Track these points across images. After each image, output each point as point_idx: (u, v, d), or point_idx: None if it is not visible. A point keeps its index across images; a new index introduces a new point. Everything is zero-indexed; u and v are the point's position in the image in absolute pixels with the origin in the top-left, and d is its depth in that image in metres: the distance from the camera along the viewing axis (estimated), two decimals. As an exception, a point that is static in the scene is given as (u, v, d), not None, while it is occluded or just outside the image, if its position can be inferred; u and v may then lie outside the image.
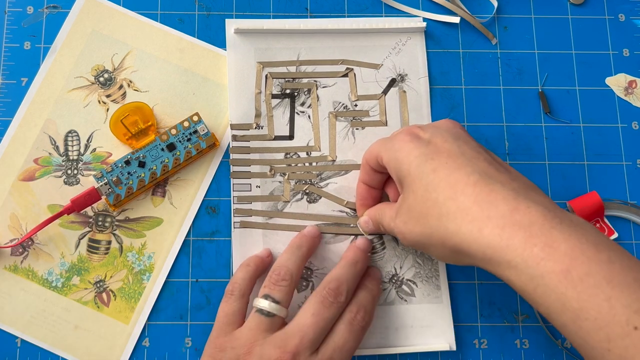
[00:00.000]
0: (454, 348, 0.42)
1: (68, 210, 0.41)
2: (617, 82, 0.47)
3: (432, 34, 0.47)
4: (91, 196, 0.41)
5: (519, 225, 0.30)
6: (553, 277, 0.29)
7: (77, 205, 0.41)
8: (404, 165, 0.35)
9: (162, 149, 0.43)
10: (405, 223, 0.36)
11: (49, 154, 0.44)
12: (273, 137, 0.45)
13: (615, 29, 0.48)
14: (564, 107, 0.47)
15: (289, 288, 0.38)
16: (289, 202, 0.44)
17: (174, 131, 0.43)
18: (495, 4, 0.48)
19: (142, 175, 0.42)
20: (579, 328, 0.29)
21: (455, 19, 0.47)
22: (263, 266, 0.41)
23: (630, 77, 0.47)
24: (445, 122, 0.37)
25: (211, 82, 0.46)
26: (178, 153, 0.43)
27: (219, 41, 0.46)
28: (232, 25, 0.46)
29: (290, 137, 0.45)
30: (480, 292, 0.43)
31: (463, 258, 0.33)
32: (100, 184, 0.42)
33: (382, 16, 0.47)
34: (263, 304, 0.37)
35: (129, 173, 0.42)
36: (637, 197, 0.45)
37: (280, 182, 0.44)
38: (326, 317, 0.36)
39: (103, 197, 0.42)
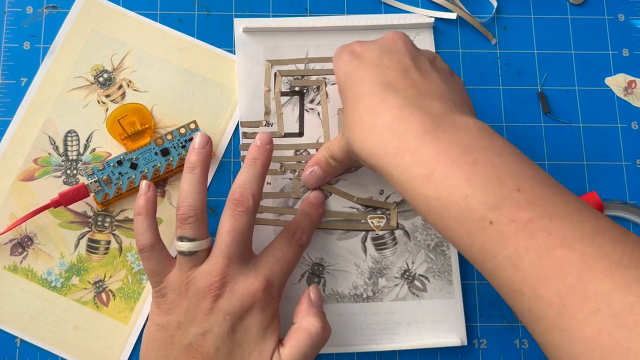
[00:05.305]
0: (465, 343, 0.42)
1: (55, 204, 0.41)
2: (616, 82, 0.47)
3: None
4: (80, 192, 0.42)
5: (395, 133, 0.32)
6: (418, 181, 0.31)
7: (65, 200, 0.41)
8: (339, 84, 0.37)
9: (156, 153, 0.43)
10: (349, 133, 0.36)
11: (49, 154, 0.44)
12: (283, 134, 0.45)
13: (614, 29, 0.48)
14: (563, 107, 0.47)
15: (198, 222, 0.37)
16: (299, 198, 0.44)
17: (169, 136, 0.43)
18: (495, 4, 0.48)
19: (133, 177, 0.42)
20: (444, 226, 0.31)
21: (452, 15, 0.47)
22: (153, 204, 0.38)
23: (629, 77, 0.47)
24: (388, 35, 0.38)
25: (211, 82, 0.46)
26: (171, 159, 0.43)
27: (219, 41, 0.46)
28: (240, 24, 0.46)
29: (300, 134, 0.45)
30: (480, 292, 0.44)
31: (369, 167, 0.35)
32: (91, 181, 0.42)
33: (382, 14, 0.47)
34: (182, 247, 0.36)
35: (120, 173, 0.42)
36: (636, 197, 0.45)
37: (290, 179, 0.44)
38: (240, 227, 0.36)
39: (91, 195, 0.42)
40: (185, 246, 0.36)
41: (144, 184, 0.39)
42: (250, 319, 0.35)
